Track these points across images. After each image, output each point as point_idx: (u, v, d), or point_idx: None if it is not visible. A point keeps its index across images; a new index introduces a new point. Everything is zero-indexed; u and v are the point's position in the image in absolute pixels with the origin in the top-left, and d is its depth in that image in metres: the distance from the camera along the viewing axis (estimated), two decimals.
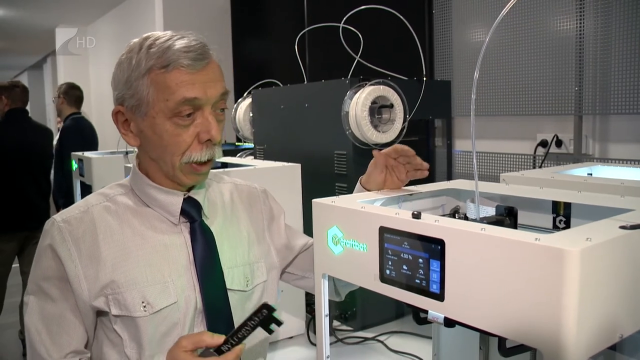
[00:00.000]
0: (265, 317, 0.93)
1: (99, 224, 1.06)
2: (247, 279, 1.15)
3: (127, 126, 1.07)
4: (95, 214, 1.07)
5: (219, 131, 1.04)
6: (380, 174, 1.15)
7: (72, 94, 4.14)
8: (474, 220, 0.96)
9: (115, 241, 1.05)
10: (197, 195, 1.13)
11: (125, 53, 1.04)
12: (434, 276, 0.80)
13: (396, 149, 1.13)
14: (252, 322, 0.94)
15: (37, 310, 1.03)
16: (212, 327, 1.08)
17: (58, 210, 3.98)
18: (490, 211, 1.03)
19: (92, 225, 1.05)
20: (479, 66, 0.86)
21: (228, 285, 1.12)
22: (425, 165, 1.12)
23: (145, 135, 1.05)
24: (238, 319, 1.12)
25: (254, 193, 1.28)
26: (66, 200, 3.75)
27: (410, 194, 1.13)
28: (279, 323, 0.95)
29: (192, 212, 1.11)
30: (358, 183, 1.19)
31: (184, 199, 1.10)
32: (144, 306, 1.02)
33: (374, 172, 1.16)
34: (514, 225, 1.02)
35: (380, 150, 1.15)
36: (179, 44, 1.00)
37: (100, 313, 1.05)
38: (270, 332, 0.96)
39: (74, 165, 3.08)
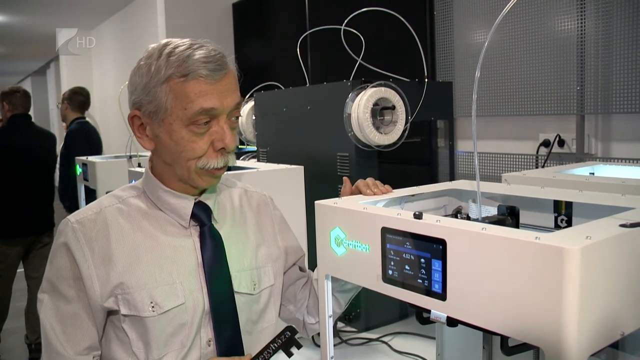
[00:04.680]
0: (287, 339, 0.98)
1: (111, 225, 1.08)
2: (254, 283, 1.17)
3: (143, 130, 1.09)
4: (108, 215, 1.09)
5: (233, 139, 1.06)
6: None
7: (76, 99, 4.16)
8: (476, 220, 0.97)
9: (127, 243, 1.07)
10: (208, 199, 1.14)
11: (144, 59, 1.05)
12: (436, 276, 0.80)
13: (357, 186, 1.15)
14: (275, 344, 0.99)
15: (51, 308, 1.05)
16: (218, 328, 1.10)
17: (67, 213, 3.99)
18: (492, 211, 1.04)
19: (104, 226, 1.07)
20: (480, 66, 0.87)
21: (235, 288, 1.13)
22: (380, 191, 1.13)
23: (161, 140, 1.06)
24: (244, 321, 1.14)
25: (264, 200, 1.30)
26: (71, 204, 3.76)
27: (413, 195, 1.13)
28: (299, 346, 1.00)
29: (202, 216, 1.13)
30: None
31: (195, 203, 1.12)
32: (152, 306, 1.04)
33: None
34: (515, 224, 1.03)
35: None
36: (199, 53, 1.01)
37: (110, 312, 1.06)
38: (290, 354, 1.00)
39: (78, 170, 3.10)
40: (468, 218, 1.07)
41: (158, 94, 1.02)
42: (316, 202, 1.03)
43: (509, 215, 1.01)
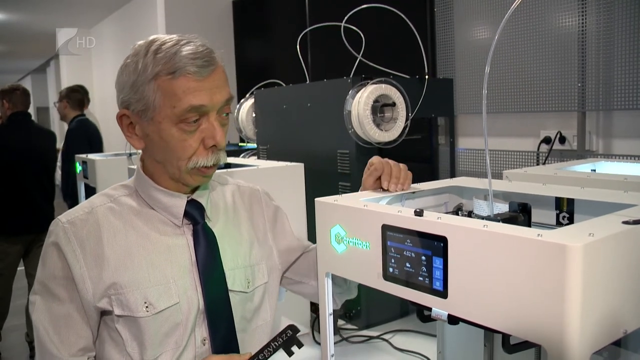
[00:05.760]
0: (289, 337, 0.97)
1: (103, 225, 1.06)
2: (248, 281, 1.16)
3: (132, 129, 1.07)
4: (99, 215, 1.08)
5: (223, 136, 1.04)
6: (373, 182, 1.14)
7: (74, 97, 4.16)
8: (487, 217, 0.96)
9: (119, 242, 1.06)
10: (201, 197, 1.13)
11: (131, 56, 1.04)
12: (437, 273, 0.80)
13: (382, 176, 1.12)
14: (276, 342, 0.98)
15: (43, 310, 1.04)
16: (213, 327, 1.09)
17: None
18: (503, 208, 1.02)
19: (96, 226, 1.06)
20: (490, 61, 0.86)
21: (229, 287, 1.12)
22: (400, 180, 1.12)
23: (151, 139, 1.05)
24: (239, 319, 1.13)
25: (256, 195, 1.29)
26: (72, 201, 3.76)
27: (413, 192, 1.13)
28: (300, 345, 0.99)
29: (195, 214, 1.12)
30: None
31: (188, 202, 1.11)
32: (146, 307, 1.03)
33: (368, 178, 1.14)
34: (527, 221, 1.01)
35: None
36: (186, 50, 0.99)
37: (103, 312, 1.05)
38: (290, 353, 0.99)
39: (78, 168, 3.09)
40: (469, 215, 1.06)
41: (146, 92, 1.00)
42: (316, 199, 1.03)
43: (521, 212, 1.00)
